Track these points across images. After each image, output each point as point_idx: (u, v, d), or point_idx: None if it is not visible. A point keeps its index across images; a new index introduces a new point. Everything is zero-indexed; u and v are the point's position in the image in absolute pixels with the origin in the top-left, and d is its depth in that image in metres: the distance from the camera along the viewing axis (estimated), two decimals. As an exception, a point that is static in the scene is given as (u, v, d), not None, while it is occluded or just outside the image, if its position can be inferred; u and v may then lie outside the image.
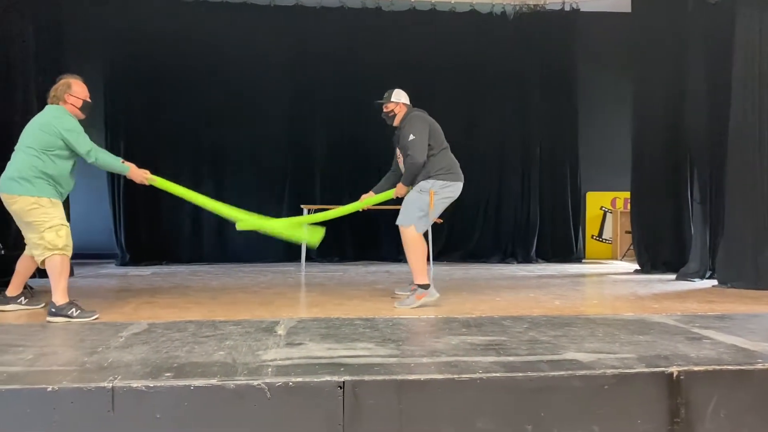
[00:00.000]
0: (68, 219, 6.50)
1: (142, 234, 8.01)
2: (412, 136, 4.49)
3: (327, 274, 6.87)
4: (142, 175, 4.21)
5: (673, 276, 6.46)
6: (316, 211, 8.09)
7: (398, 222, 4.53)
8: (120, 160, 4.20)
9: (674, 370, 2.49)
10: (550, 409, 2.40)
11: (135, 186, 7.87)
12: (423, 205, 4.43)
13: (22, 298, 4.18)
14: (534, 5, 8.70)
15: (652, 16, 7.28)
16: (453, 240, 8.68)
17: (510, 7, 8.71)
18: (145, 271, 7.13)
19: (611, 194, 9.28)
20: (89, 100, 4.18)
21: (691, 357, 2.70)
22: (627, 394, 2.45)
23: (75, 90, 4.08)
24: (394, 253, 8.47)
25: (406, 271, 7.20)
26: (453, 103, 8.80)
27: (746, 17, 5.72)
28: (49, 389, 2.23)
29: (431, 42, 8.57)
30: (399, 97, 4.86)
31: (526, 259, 8.54)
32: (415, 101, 9.02)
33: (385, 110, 4.86)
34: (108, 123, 8.04)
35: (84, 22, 7.66)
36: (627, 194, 8.14)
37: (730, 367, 2.56)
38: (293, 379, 2.32)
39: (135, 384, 2.26)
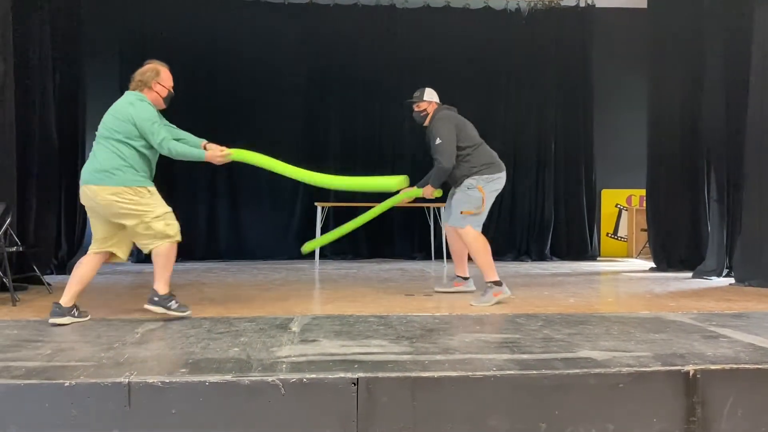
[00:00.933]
0: (85, 216, 6.70)
1: (158, 231, 8.06)
2: (438, 140, 4.50)
3: (341, 271, 6.88)
4: (220, 155, 3.94)
5: (690, 274, 6.40)
6: (329, 208, 8.11)
7: (451, 223, 4.52)
8: (199, 144, 3.97)
9: (690, 368, 2.47)
10: (565, 408, 2.38)
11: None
12: (475, 201, 4.41)
13: (75, 309, 3.67)
14: (549, 2, 8.64)
15: (668, 12, 7.21)
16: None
17: (524, 4, 8.67)
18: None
19: (627, 192, 9.22)
20: (173, 90, 4.00)
21: (707, 356, 2.67)
22: (642, 393, 2.43)
23: (163, 78, 3.90)
24: (408, 250, 8.49)
25: (419, 268, 7.23)
26: (467, 100, 8.73)
27: (765, 12, 5.64)
28: (66, 384, 2.26)
29: (445, 39, 8.55)
30: (431, 96, 4.82)
31: (541, 257, 8.51)
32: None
33: (416, 109, 4.81)
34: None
35: (101, 19, 7.73)
36: (642, 192, 8.08)
37: (747, 366, 2.53)
38: (307, 376, 2.33)
39: (151, 379, 2.28)
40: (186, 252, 8.13)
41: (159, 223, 3.60)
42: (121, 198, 3.55)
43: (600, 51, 8.76)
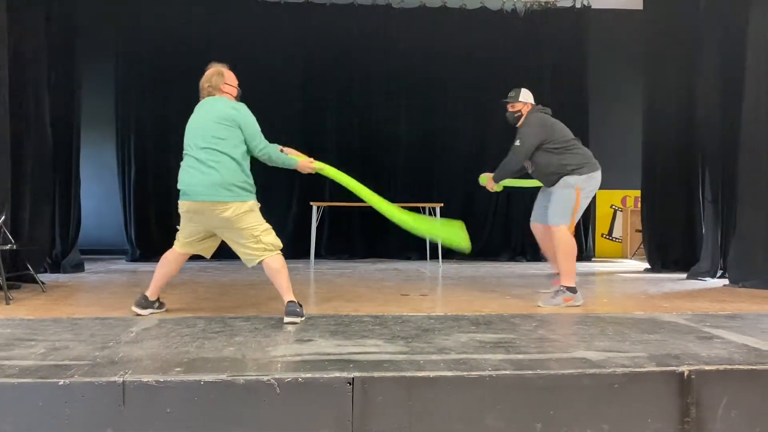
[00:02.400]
0: (80, 214, 6.69)
1: (153, 230, 8.04)
2: (518, 142, 4.50)
3: (336, 271, 6.88)
4: (309, 165, 4.00)
5: (684, 275, 6.43)
6: (324, 208, 8.10)
7: (549, 221, 4.43)
8: (292, 156, 3.95)
9: (685, 369, 2.48)
10: (560, 408, 2.39)
11: (146, 181, 8.05)
12: (572, 201, 4.37)
13: (157, 302, 3.89)
14: (545, 2, 8.67)
15: (664, 13, 7.23)
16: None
17: (520, 4, 8.68)
18: (155, 267, 7.14)
19: (621, 192, 9.24)
20: (239, 88, 3.97)
21: (702, 356, 2.68)
22: (637, 393, 2.44)
23: (228, 78, 3.88)
24: (403, 250, 8.48)
25: (414, 268, 7.23)
26: (463, 100, 8.79)
27: (760, 13, 5.67)
28: (60, 383, 2.25)
29: (441, 39, 8.56)
30: (527, 97, 4.71)
31: (536, 257, 8.50)
32: (425, 98, 9.07)
33: (510, 109, 4.73)
34: (118, 119, 8.09)
35: (96, 18, 7.70)
36: (637, 193, 8.10)
37: (741, 367, 2.54)
38: (303, 375, 2.32)
39: (146, 378, 2.27)
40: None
41: (268, 235, 3.63)
42: (242, 212, 3.55)
43: (596, 52, 8.77)
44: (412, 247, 8.49)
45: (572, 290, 4.26)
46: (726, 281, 5.85)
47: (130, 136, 8.06)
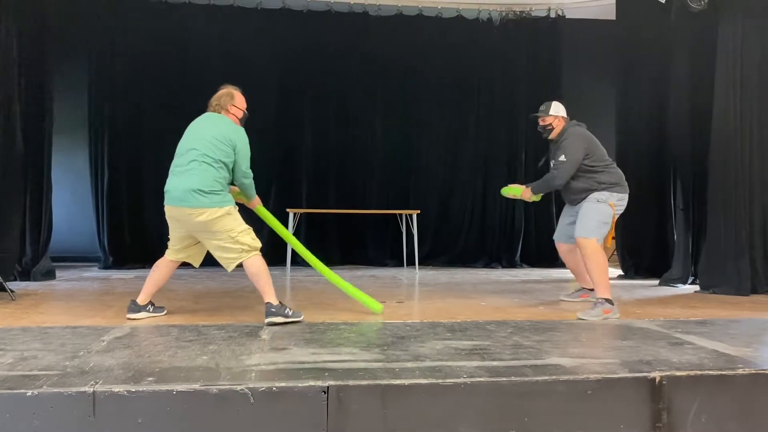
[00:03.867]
0: (51, 220, 6.56)
1: (126, 236, 7.93)
2: (563, 158, 4.45)
3: (312, 278, 6.84)
4: (256, 204, 4.32)
5: (656, 281, 6.51)
6: (301, 215, 8.07)
7: (578, 234, 4.37)
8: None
9: (656, 375, 2.51)
10: (534, 414, 2.40)
11: (118, 188, 7.94)
12: (605, 216, 4.37)
13: (150, 305, 4.03)
14: (520, 12, 8.76)
15: (636, 24, 7.35)
16: (439, 245, 8.70)
17: (496, 14, 8.77)
18: (129, 274, 7.07)
19: (595, 200, 9.33)
20: (247, 112, 4.22)
21: (673, 362, 2.72)
22: (610, 399, 2.46)
23: (237, 101, 4.14)
24: (380, 257, 8.48)
25: (391, 275, 7.22)
26: (439, 107, 8.84)
27: (728, 26, 5.80)
28: (28, 394, 2.20)
29: (418, 47, 8.60)
30: (558, 110, 4.70)
31: (511, 264, 8.58)
32: (401, 105, 9.10)
33: (541, 123, 4.72)
34: (91, 125, 7.98)
35: (68, 22, 7.59)
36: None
37: (711, 372, 2.59)
38: (277, 384, 2.31)
39: (117, 388, 2.24)
40: (154, 258, 8.00)
41: (245, 236, 3.77)
42: (217, 217, 3.70)
43: (570, 61, 8.88)
44: (389, 254, 8.51)
45: (610, 302, 4.18)
46: (697, 287, 5.94)
47: (103, 142, 7.94)
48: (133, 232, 7.98)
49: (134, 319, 3.88)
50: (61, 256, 7.40)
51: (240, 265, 3.83)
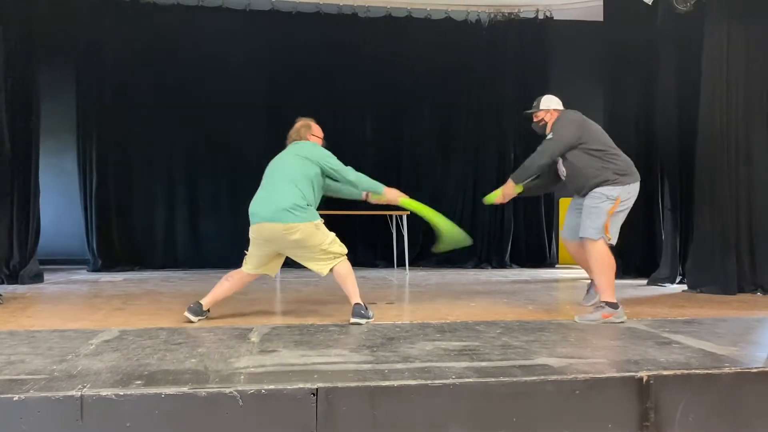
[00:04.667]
0: (39, 223, 6.52)
1: (114, 239, 7.90)
2: (550, 136, 4.21)
3: (302, 279, 6.84)
4: (397, 195, 4.45)
5: (645, 281, 6.55)
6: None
7: (583, 234, 4.08)
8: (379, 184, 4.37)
9: (644, 374, 2.53)
10: (523, 414, 2.41)
11: (107, 190, 7.90)
12: (603, 213, 4.04)
13: (208, 312, 4.07)
14: (508, 13, 8.80)
15: (623, 25, 7.40)
16: (429, 245, 8.68)
17: (485, 15, 8.80)
18: (117, 277, 7.04)
19: (584, 200, 9.37)
20: (324, 140, 4.40)
21: (660, 361, 2.74)
22: (598, 399, 2.48)
23: (314, 130, 4.39)
24: (371, 258, 8.49)
25: (381, 276, 7.23)
26: (428, 109, 8.86)
27: (714, 27, 5.85)
28: (15, 398, 2.19)
29: (407, 48, 8.62)
30: (549, 103, 4.46)
31: (501, 265, 8.61)
32: (390, 106, 9.11)
33: (534, 119, 4.50)
34: (79, 127, 7.94)
35: (56, 24, 7.56)
36: (599, 200, 8.22)
37: (698, 372, 2.60)
38: (266, 387, 2.30)
39: (104, 392, 2.23)
40: (143, 261, 8.01)
41: (334, 245, 4.02)
42: (311, 231, 3.91)
43: (558, 62, 8.93)
44: (379, 256, 8.51)
45: (613, 306, 3.96)
46: (685, 287, 5.98)
47: (91, 144, 7.91)
48: (122, 235, 7.95)
49: (191, 320, 3.90)
50: (49, 259, 7.36)
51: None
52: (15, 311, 4.40)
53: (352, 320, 3.86)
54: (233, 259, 8.16)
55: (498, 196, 4.61)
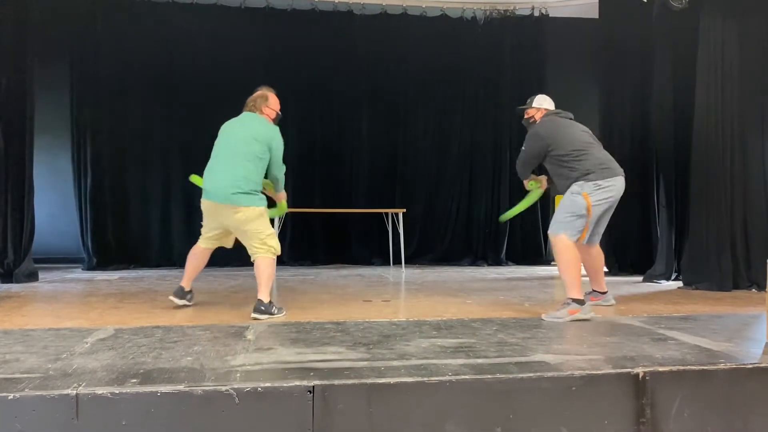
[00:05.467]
0: (33, 221, 6.49)
1: (110, 238, 7.88)
2: (523, 148, 4.43)
3: (299, 277, 6.83)
4: (282, 198, 4.62)
5: (640, 278, 6.57)
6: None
7: (549, 230, 4.24)
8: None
9: (640, 370, 2.53)
10: (519, 411, 2.41)
11: (102, 188, 7.87)
12: (577, 208, 4.09)
13: (190, 294, 4.46)
14: (504, 10, 8.80)
15: (618, 23, 7.42)
16: (425, 243, 8.72)
17: (480, 12, 8.80)
18: (113, 275, 7.01)
19: (580, 197, 9.39)
20: (280, 112, 4.47)
21: (656, 358, 2.74)
22: (594, 395, 2.48)
23: (271, 102, 4.37)
24: (367, 256, 8.49)
25: (377, 274, 7.23)
26: (424, 106, 8.85)
27: (709, 24, 5.86)
28: (10, 397, 2.18)
29: (402, 46, 8.62)
30: (540, 103, 4.58)
31: (497, 262, 8.62)
32: (386, 104, 9.09)
33: (525, 116, 4.62)
34: (74, 125, 7.91)
35: (50, 21, 7.52)
36: (595, 197, 8.23)
37: (693, 368, 2.61)
38: (262, 385, 2.30)
39: (100, 391, 2.22)
40: (139, 259, 7.98)
41: (272, 239, 4.14)
42: (254, 216, 4.07)
43: (554, 59, 8.93)
44: (376, 253, 8.51)
45: (579, 302, 3.95)
46: (680, 283, 6.01)
47: (85, 142, 7.88)
48: (117, 233, 7.93)
49: (176, 304, 4.30)
50: (44, 258, 7.33)
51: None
52: (9, 310, 4.38)
53: (253, 315, 3.94)
54: (229, 257, 8.21)
55: (526, 205, 4.92)
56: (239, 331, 3.41)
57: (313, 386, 2.30)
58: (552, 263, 8.78)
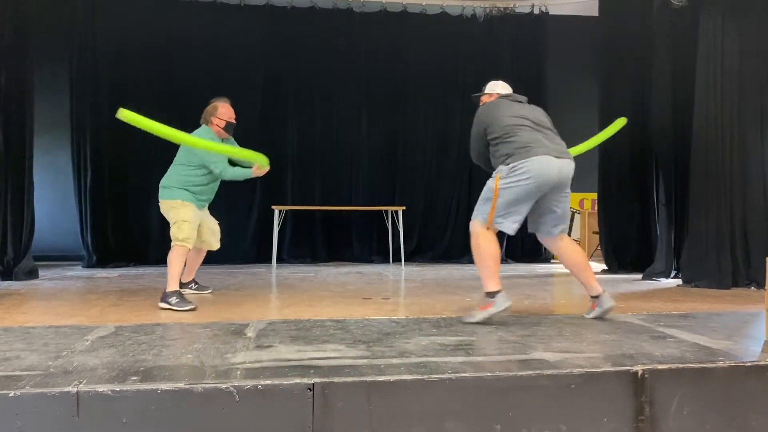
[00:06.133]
0: (33, 219, 6.49)
1: (109, 235, 7.88)
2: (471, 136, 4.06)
3: (298, 275, 6.84)
4: (258, 170, 4.80)
5: (640, 276, 6.57)
6: (287, 212, 8.06)
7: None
8: (247, 169, 4.80)
9: (639, 368, 2.54)
10: (519, 409, 2.42)
11: (101, 185, 7.87)
12: (485, 191, 3.80)
13: (193, 284, 5.14)
14: (504, 8, 8.79)
15: (618, 20, 7.41)
16: (425, 240, 8.72)
17: (480, 10, 8.80)
18: (113, 273, 7.02)
19: (579, 195, 9.41)
20: (233, 120, 4.84)
21: (655, 355, 2.75)
22: (593, 393, 2.48)
23: (220, 112, 4.81)
24: (366, 254, 8.49)
25: (377, 272, 7.24)
26: (424, 104, 8.85)
27: (709, 22, 5.86)
28: (11, 395, 2.18)
29: (402, 43, 8.62)
30: (493, 88, 4.30)
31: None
32: (386, 102, 9.08)
33: (480, 104, 4.27)
34: (73, 122, 7.90)
35: (49, 19, 7.52)
36: (595, 195, 8.26)
37: (692, 365, 2.61)
38: (262, 382, 2.30)
39: (101, 388, 2.23)
40: (138, 257, 7.98)
41: (174, 228, 4.55)
42: (167, 208, 4.71)
43: (553, 57, 8.93)
44: (375, 251, 8.52)
45: (491, 295, 3.63)
46: (679, 281, 6.01)
47: (85, 139, 7.87)
48: (116, 231, 7.93)
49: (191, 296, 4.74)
50: (43, 255, 7.33)
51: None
52: (9, 308, 4.39)
53: (160, 304, 4.22)
54: (229, 254, 8.22)
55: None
56: (239, 329, 3.42)
57: (313, 384, 2.31)
58: (552, 261, 8.80)
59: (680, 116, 6.29)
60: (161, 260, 8.04)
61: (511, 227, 3.74)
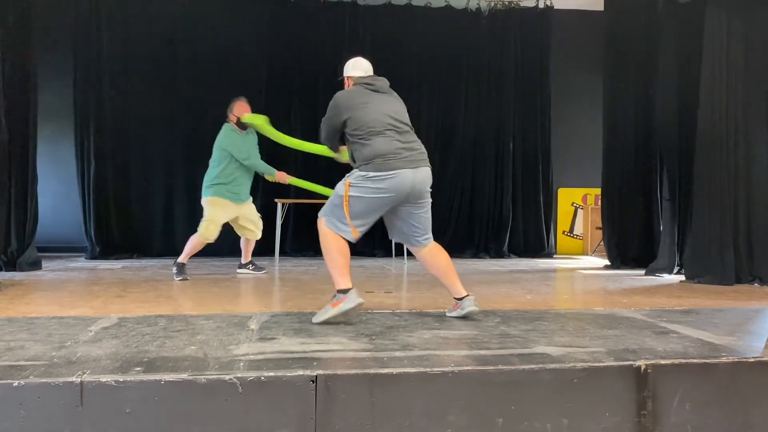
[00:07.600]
0: (36, 210, 6.49)
1: (113, 227, 7.89)
2: (323, 118, 3.81)
3: (301, 268, 6.85)
4: (284, 177, 5.90)
5: (643, 271, 6.57)
6: (290, 205, 8.06)
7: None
8: (271, 168, 5.87)
9: (642, 363, 2.53)
10: (521, 403, 2.42)
11: (105, 177, 7.88)
12: (336, 194, 3.63)
13: (250, 265, 6.06)
14: (508, 2, 8.77)
15: (623, 15, 7.38)
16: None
17: (484, 4, 8.77)
18: (116, 264, 7.03)
19: (582, 191, 9.41)
20: (246, 115, 5.62)
21: (658, 351, 2.75)
22: (596, 388, 2.48)
23: (235, 110, 5.65)
24: (369, 248, 8.49)
25: (379, 265, 7.24)
26: (427, 97, 8.83)
27: (714, 17, 5.83)
28: (15, 384, 2.19)
29: (407, 37, 8.59)
30: (349, 69, 3.96)
31: (499, 254, 8.62)
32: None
33: (344, 87, 3.97)
34: (77, 114, 7.90)
35: (53, 10, 7.51)
36: (598, 191, 8.26)
37: (695, 361, 2.61)
38: (265, 374, 2.31)
39: (104, 378, 2.23)
40: (142, 248, 8.00)
41: (203, 223, 5.53)
42: (204, 205, 5.68)
43: (558, 51, 8.91)
44: (378, 245, 8.51)
45: (342, 291, 3.43)
46: (682, 277, 6.00)
47: (89, 131, 7.88)
48: (120, 222, 7.94)
49: (239, 273, 6.05)
50: (47, 246, 7.35)
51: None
52: (13, 298, 4.40)
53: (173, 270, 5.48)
54: (233, 247, 8.23)
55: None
56: (242, 321, 3.42)
57: (316, 376, 2.31)
58: (554, 256, 8.80)
59: (685, 111, 6.27)
60: (164, 252, 8.13)
61: (352, 237, 3.59)
